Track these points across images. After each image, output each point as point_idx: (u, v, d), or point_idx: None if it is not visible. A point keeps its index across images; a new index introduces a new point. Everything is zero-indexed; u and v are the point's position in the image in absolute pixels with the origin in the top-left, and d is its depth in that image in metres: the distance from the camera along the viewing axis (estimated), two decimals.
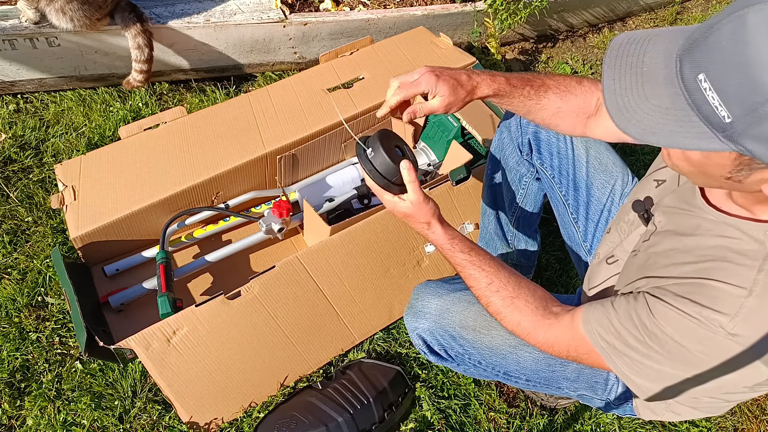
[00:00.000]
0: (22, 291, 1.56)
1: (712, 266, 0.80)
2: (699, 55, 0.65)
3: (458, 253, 1.05)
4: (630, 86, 0.71)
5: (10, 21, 1.79)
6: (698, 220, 0.86)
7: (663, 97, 0.69)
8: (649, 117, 0.70)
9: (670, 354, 0.82)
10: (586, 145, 1.30)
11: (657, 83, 0.69)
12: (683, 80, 0.67)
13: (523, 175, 1.41)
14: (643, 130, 0.70)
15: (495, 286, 1.01)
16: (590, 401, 1.20)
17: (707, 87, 0.64)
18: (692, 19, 2.80)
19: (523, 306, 0.99)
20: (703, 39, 0.65)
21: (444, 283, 1.22)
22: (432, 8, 2.20)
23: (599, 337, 0.90)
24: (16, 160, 1.82)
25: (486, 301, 1.03)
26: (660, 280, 0.85)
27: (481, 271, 1.02)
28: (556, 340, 0.96)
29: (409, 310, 1.22)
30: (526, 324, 0.98)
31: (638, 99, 0.71)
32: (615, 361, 0.89)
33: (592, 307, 0.93)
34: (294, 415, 1.36)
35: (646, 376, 0.87)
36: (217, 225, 1.67)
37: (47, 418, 1.38)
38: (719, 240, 0.81)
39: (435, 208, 1.06)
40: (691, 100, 0.66)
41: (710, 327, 0.77)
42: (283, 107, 1.70)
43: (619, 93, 0.72)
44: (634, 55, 0.73)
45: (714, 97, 0.64)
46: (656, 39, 0.72)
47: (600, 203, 1.30)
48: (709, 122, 0.65)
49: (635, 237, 1.03)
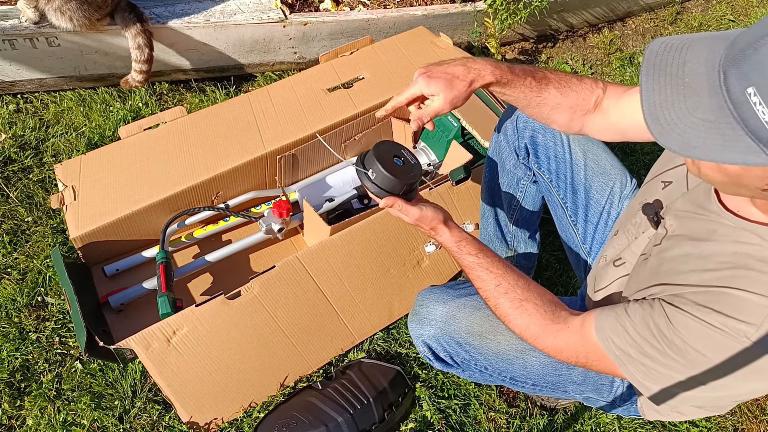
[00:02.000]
0: (22, 291, 1.56)
1: (732, 274, 0.78)
2: (748, 68, 0.63)
3: (466, 255, 1.04)
4: (671, 98, 0.69)
5: (10, 21, 1.79)
6: (714, 225, 0.84)
7: (706, 109, 0.66)
8: (691, 131, 0.67)
9: (692, 364, 0.81)
10: (583, 148, 1.29)
11: (701, 95, 0.67)
12: (729, 92, 0.65)
13: (520, 178, 1.41)
14: (685, 144, 0.68)
15: (503, 288, 1.00)
16: (596, 403, 1.20)
17: (757, 101, 0.62)
18: (692, 19, 2.80)
19: (532, 309, 0.97)
20: (753, 51, 0.62)
21: (448, 289, 1.20)
22: (432, 8, 2.20)
23: (613, 345, 0.89)
24: (16, 160, 1.82)
25: (494, 303, 1.01)
26: (677, 288, 0.84)
27: (489, 273, 1.01)
28: (566, 345, 0.95)
29: (413, 317, 1.20)
30: (535, 328, 0.97)
31: (680, 112, 0.68)
32: (629, 369, 0.88)
33: (604, 314, 0.92)
34: (294, 415, 1.36)
35: (663, 383, 0.86)
36: (217, 225, 1.67)
37: (47, 418, 1.38)
38: (738, 246, 0.79)
39: (438, 214, 1.05)
40: (737, 113, 0.64)
41: (736, 337, 0.76)
42: (283, 107, 1.70)
43: (659, 105, 0.69)
44: (673, 64, 0.70)
45: (765, 112, 0.62)
46: (695, 46, 0.70)
47: (599, 205, 1.30)
48: (756, 137, 0.63)
49: (644, 239, 1.02)
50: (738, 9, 2.92)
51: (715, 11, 2.88)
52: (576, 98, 1.07)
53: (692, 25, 2.76)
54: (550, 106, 1.08)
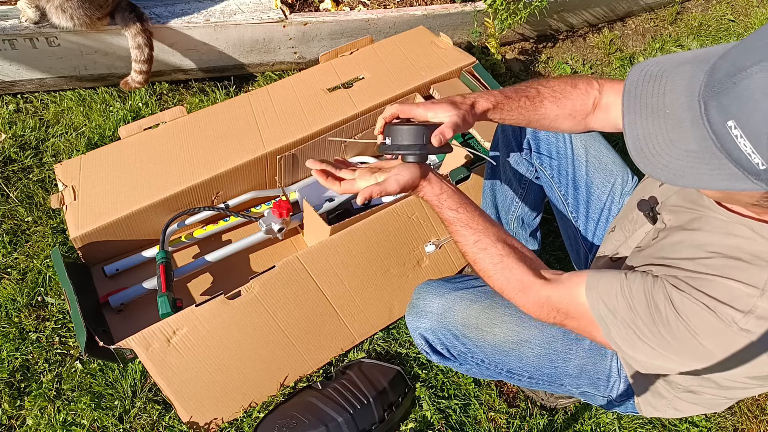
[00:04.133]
0: (22, 291, 1.56)
1: (724, 263, 0.80)
2: (727, 101, 0.64)
3: (446, 210, 1.01)
4: (654, 131, 0.70)
5: (10, 21, 1.79)
6: (708, 218, 0.86)
7: (689, 140, 0.68)
8: (676, 161, 0.69)
9: (678, 342, 0.82)
10: (585, 144, 1.30)
11: (682, 127, 0.68)
12: (710, 124, 0.66)
13: (522, 174, 1.41)
14: (671, 174, 0.69)
15: (483, 243, 0.98)
16: (592, 399, 1.20)
17: (738, 134, 0.63)
18: (692, 19, 2.80)
19: (513, 264, 0.96)
20: (732, 85, 0.63)
21: (445, 282, 1.21)
22: (432, 8, 2.20)
23: (602, 305, 0.88)
24: (16, 160, 1.82)
25: (473, 258, 0.99)
26: (674, 270, 0.85)
27: (469, 229, 0.99)
28: (548, 300, 0.94)
29: (410, 310, 1.22)
30: (516, 283, 0.95)
31: (664, 144, 0.69)
32: (611, 331, 0.88)
33: (599, 274, 0.92)
34: (294, 415, 1.36)
35: (641, 352, 0.87)
36: (217, 225, 1.67)
37: (47, 418, 1.38)
38: (731, 239, 0.81)
39: (423, 169, 1.01)
40: (720, 145, 0.65)
41: (724, 320, 0.78)
42: (283, 107, 1.70)
43: (643, 138, 0.71)
44: (653, 95, 0.71)
45: (746, 145, 0.63)
46: (674, 74, 0.71)
47: (600, 202, 1.31)
48: (741, 166, 0.65)
49: (640, 234, 1.03)
50: (738, 9, 2.92)
51: (715, 11, 2.88)
52: (573, 105, 1.08)
53: (692, 25, 2.76)
54: (550, 119, 1.09)
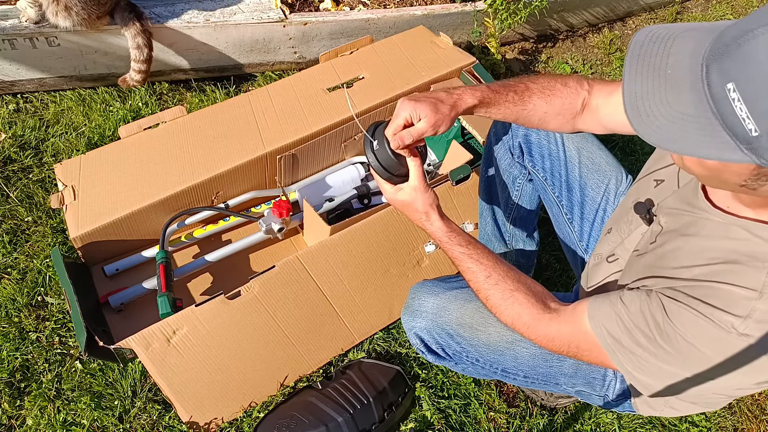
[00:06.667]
0: (22, 291, 1.56)
1: (722, 269, 0.79)
2: (730, 63, 0.63)
3: (456, 246, 1.03)
4: (652, 90, 0.69)
5: (10, 21, 1.78)
6: (703, 221, 0.85)
7: (687, 103, 0.66)
8: (671, 124, 0.67)
9: (680, 354, 0.82)
10: (577, 145, 1.30)
11: (681, 88, 0.67)
12: (709, 86, 0.65)
13: (516, 177, 1.41)
14: (664, 137, 0.68)
15: (493, 279, 1.00)
16: (589, 398, 1.20)
17: (736, 97, 0.62)
18: (692, 19, 2.80)
19: (523, 299, 0.97)
20: (736, 46, 0.62)
21: (440, 282, 1.22)
22: (432, 8, 2.20)
23: (605, 332, 0.89)
24: (16, 160, 1.82)
25: (485, 295, 1.01)
26: (671, 281, 0.85)
27: (479, 265, 1.01)
28: (558, 333, 0.95)
29: (406, 310, 1.22)
30: (526, 318, 0.97)
31: (660, 105, 0.68)
32: (620, 359, 0.88)
33: (597, 302, 0.92)
34: (294, 415, 1.36)
35: (652, 374, 0.87)
36: (217, 225, 1.67)
37: (47, 417, 1.38)
38: (727, 242, 0.80)
39: (435, 199, 1.05)
40: (716, 108, 0.64)
41: (724, 328, 0.77)
42: (283, 107, 1.70)
43: (640, 97, 0.69)
44: (657, 55, 0.69)
45: (742, 109, 0.62)
46: (682, 38, 0.69)
47: (594, 203, 1.31)
48: (733, 133, 0.64)
49: (637, 236, 1.03)
50: (738, 9, 2.92)
51: (715, 11, 2.88)
52: (562, 104, 1.08)
53: None
54: (538, 115, 1.09)
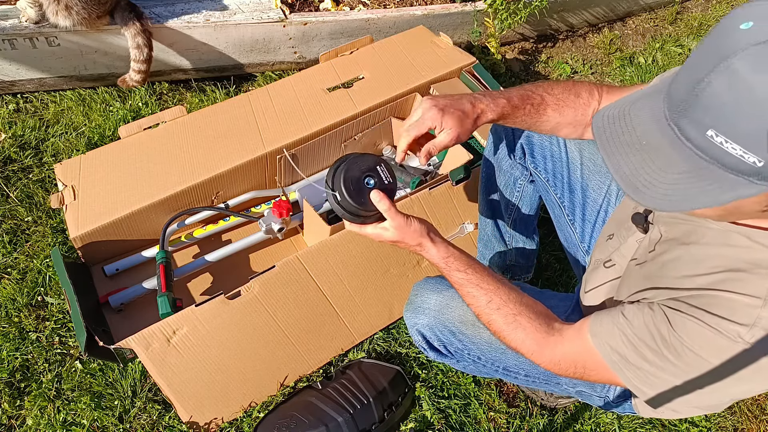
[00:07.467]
0: (22, 291, 1.56)
1: (724, 277, 0.79)
2: (698, 115, 0.64)
3: (454, 272, 1.02)
4: (640, 164, 0.69)
5: (10, 21, 1.78)
6: (703, 229, 0.85)
7: (678, 163, 0.67)
8: (673, 187, 0.67)
9: (688, 366, 0.81)
10: (579, 147, 1.30)
11: (665, 153, 0.68)
12: (690, 141, 0.65)
13: (517, 178, 1.41)
14: (673, 201, 0.68)
15: (495, 303, 0.98)
16: (589, 398, 1.20)
17: (722, 141, 0.63)
18: (692, 19, 2.80)
19: (527, 323, 0.96)
20: (695, 98, 0.64)
21: (443, 279, 1.21)
22: (432, 8, 2.20)
23: (609, 350, 0.88)
24: (16, 160, 1.82)
25: (487, 320, 1.00)
26: (674, 292, 0.84)
27: (480, 289, 0.99)
28: (564, 356, 0.94)
29: (408, 306, 1.22)
30: (531, 342, 0.96)
31: (654, 173, 0.68)
32: (627, 375, 0.87)
33: (599, 319, 0.91)
34: (294, 415, 1.36)
35: (660, 387, 0.86)
36: (217, 225, 1.67)
37: (47, 417, 1.38)
38: (728, 250, 0.80)
39: (422, 228, 1.02)
40: (709, 157, 0.65)
41: (729, 336, 0.76)
42: (283, 107, 1.70)
43: (632, 175, 0.70)
44: (624, 133, 0.71)
45: (735, 148, 0.62)
46: (634, 109, 0.71)
47: (596, 204, 1.30)
48: (738, 171, 0.64)
49: (632, 243, 1.02)
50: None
51: (715, 11, 2.88)
52: (574, 115, 1.09)
53: (692, 25, 2.76)
54: (550, 125, 1.11)
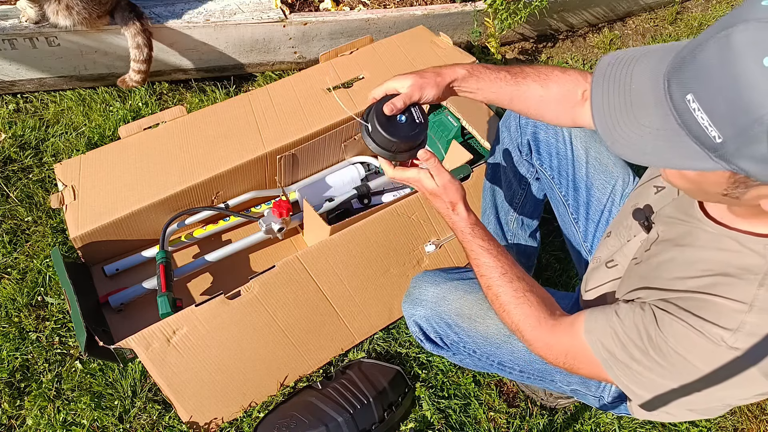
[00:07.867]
0: (22, 291, 1.56)
1: (714, 281, 0.79)
2: (687, 75, 0.64)
3: (477, 239, 1.03)
4: (619, 106, 0.71)
5: (9, 21, 1.78)
6: (697, 231, 0.85)
7: (653, 117, 0.68)
8: (640, 138, 0.69)
9: (673, 367, 0.82)
10: (585, 145, 1.30)
11: (647, 104, 0.69)
12: (672, 100, 0.66)
13: (522, 175, 1.41)
14: (635, 151, 0.70)
15: (508, 277, 1.00)
16: (584, 398, 1.21)
17: (696, 107, 0.63)
18: (692, 19, 2.80)
19: (534, 301, 0.97)
20: (691, 58, 0.64)
21: (442, 272, 1.23)
22: (432, 8, 2.20)
23: (601, 346, 0.89)
24: (16, 160, 1.82)
25: (495, 291, 1.01)
26: (664, 293, 0.85)
27: (497, 261, 1.01)
28: (557, 342, 0.95)
29: (407, 298, 1.24)
30: (532, 320, 0.97)
31: (628, 119, 0.70)
32: (615, 372, 0.88)
33: (593, 315, 0.92)
34: (294, 415, 1.36)
35: (647, 387, 0.87)
36: (217, 225, 1.67)
37: (47, 417, 1.38)
38: (719, 254, 0.80)
39: (462, 190, 1.04)
40: (681, 121, 0.66)
41: (713, 340, 0.77)
42: (283, 107, 1.70)
43: (608, 113, 0.71)
44: (621, 75, 0.72)
45: (703, 117, 0.63)
46: (643, 59, 0.72)
47: (600, 203, 1.30)
48: (700, 142, 0.65)
49: (635, 243, 1.02)
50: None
51: (715, 11, 2.88)
52: (559, 90, 1.06)
53: (692, 25, 2.76)
54: (534, 99, 1.07)
